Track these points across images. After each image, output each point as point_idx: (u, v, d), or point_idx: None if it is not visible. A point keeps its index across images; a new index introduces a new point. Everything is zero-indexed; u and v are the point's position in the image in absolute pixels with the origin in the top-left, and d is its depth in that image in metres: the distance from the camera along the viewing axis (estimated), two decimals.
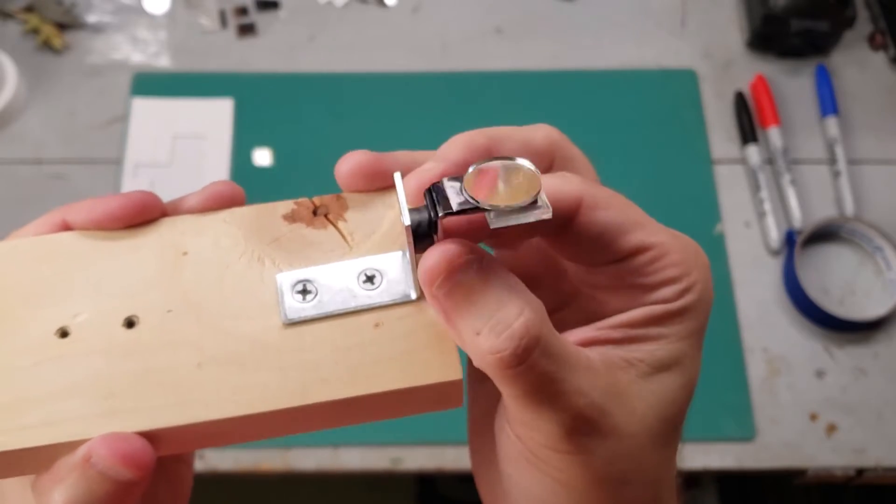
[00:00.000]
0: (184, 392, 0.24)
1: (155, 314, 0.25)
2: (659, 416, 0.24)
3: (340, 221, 0.27)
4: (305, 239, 0.27)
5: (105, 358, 0.25)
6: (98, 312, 0.25)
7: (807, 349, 0.70)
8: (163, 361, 0.25)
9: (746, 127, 0.77)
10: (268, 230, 0.27)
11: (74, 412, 0.24)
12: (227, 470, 0.64)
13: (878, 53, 0.83)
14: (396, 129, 0.77)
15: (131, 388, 0.24)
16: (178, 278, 0.26)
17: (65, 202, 0.79)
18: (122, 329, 0.25)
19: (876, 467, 0.67)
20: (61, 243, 0.27)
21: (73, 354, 0.25)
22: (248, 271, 0.26)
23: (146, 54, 0.80)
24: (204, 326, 0.25)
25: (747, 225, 0.75)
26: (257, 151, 0.76)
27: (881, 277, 0.73)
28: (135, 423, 0.24)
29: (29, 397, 0.24)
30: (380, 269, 0.26)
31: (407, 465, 0.65)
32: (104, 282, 0.26)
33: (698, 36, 0.84)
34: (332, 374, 0.24)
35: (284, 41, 0.82)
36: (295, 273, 0.26)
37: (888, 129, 0.80)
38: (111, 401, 0.24)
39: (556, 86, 0.80)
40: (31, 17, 0.80)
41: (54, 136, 0.77)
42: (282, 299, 0.25)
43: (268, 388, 0.24)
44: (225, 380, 0.24)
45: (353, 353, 0.25)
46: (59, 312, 0.25)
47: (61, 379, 0.24)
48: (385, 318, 0.25)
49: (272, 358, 0.25)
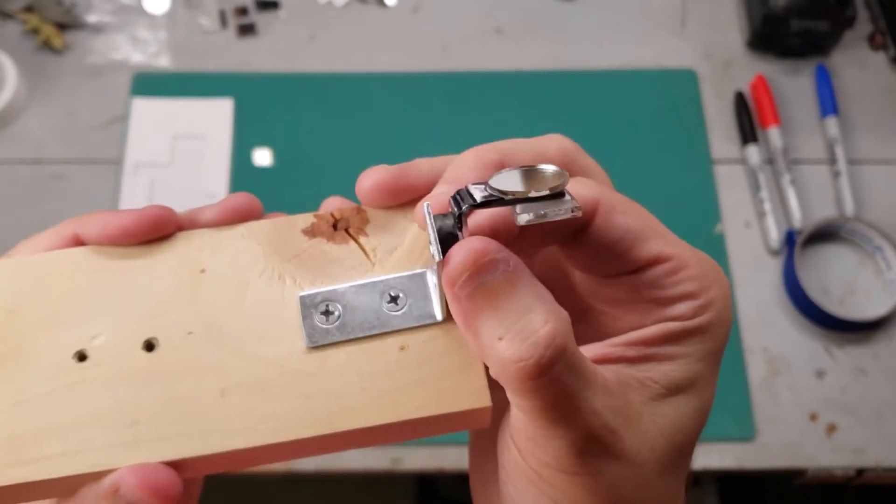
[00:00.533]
0: (208, 420, 0.23)
1: (175, 336, 0.24)
2: (669, 442, 0.23)
3: (362, 237, 0.26)
4: (326, 255, 0.26)
5: (126, 384, 0.24)
6: (116, 334, 0.24)
7: (807, 349, 0.70)
8: (185, 388, 0.24)
9: (746, 127, 0.78)
10: (287, 246, 0.26)
11: (97, 442, 0.23)
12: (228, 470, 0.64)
13: (878, 53, 0.83)
14: (396, 129, 0.77)
15: (154, 416, 0.23)
16: (197, 298, 0.25)
17: (65, 202, 0.79)
18: (142, 352, 0.24)
19: (876, 467, 0.67)
20: (75, 260, 0.25)
21: (92, 380, 0.24)
22: (268, 290, 0.25)
23: (146, 54, 0.80)
24: (226, 350, 0.24)
25: (747, 225, 0.75)
26: (257, 151, 0.76)
27: (881, 277, 0.73)
28: (160, 453, 0.23)
29: (50, 427, 0.23)
30: (404, 289, 0.25)
31: (407, 466, 0.65)
32: (121, 301, 0.25)
33: (698, 36, 0.84)
34: (357, 401, 0.24)
35: (284, 41, 0.82)
36: (317, 292, 0.25)
37: (888, 129, 0.80)
38: (134, 429, 0.23)
39: (555, 86, 0.80)
40: (31, 17, 0.80)
41: (54, 136, 0.77)
42: (304, 321, 0.25)
43: (293, 417, 0.23)
44: (250, 408, 0.23)
45: (378, 378, 0.24)
46: (77, 334, 0.24)
47: (82, 407, 0.23)
48: (410, 342, 0.24)
49: (297, 385, 0.24)
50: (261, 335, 0.24)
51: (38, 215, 0.73)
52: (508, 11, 0.84)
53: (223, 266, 0.25)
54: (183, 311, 0.25)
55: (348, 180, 0.84)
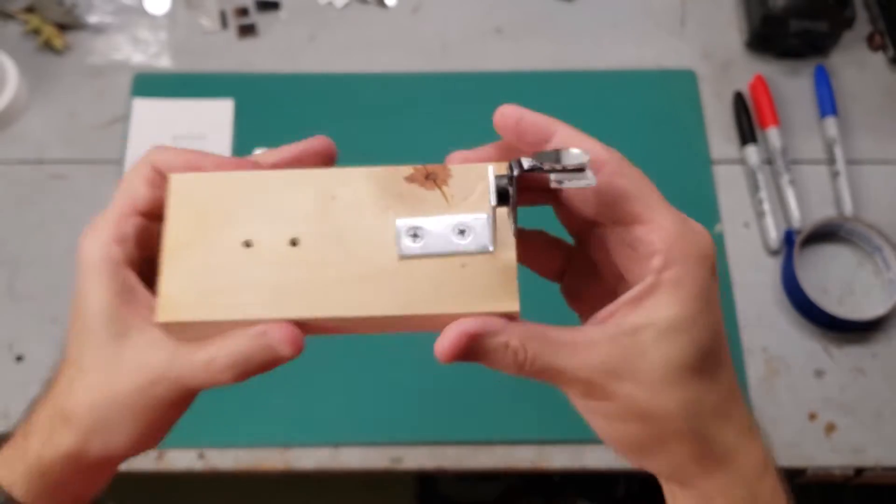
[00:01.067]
0: (327, 296, 0.34)
1: (312, 238, 0.35)
2: (667, 363, 0.31)
3: (444, 186, 0.36)
4: (418, 196, 0.36)
5: (276, 265, 0.35)
6: (272, 232, 0.35)
7: (806, 349, 0.71)
8: (314, 273, 0.35)
9: (746, 127, 0.78)
10: (392, 187, 0.36)
11: (254, 301, 0.34)
12: (227, 469, 0.64)
13: (876, 54, 0.84)
14: (396, 129, 0.78)
15: (293, 289, 0.34)
16: (328, 214, 0.36)
17: (66, 202, 0.80)
18: (288, 246, 0.35)
19: (875, 467, 0.67)
20: (247, 179, 0.37)
21: (254, 260, 0.35)
22: (376, 216, 0.36)
23: (147, 55, 0.80)
24: (344, 252, 0.35)
25: (746, 225, 0.75)
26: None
27: (880, 277, 0.73)
28: (294, 312, 0.34)
29: (224, 287, 0.34)
30: (469, 225, 0.35)
31: (407, 465, 0.66)
32: (277, 211, 0.36)
33: (698, 36, 0.84)
34: (428, 296, 0.34)
35: (285, 42, 0.82)
36: (409, 221, 0.35)
37: (887, 130, 0.80)
38: (279, 296, 0.34)
39: (555, 86, 0.80)
40: (32, 18, 0.80)
41: (55, 136, 0.77)
42: (399, 240, 0.35)
43: (383, 301, 0.34)
44: (356, 291, 0.34)
45: (444, 283, 0.34)
46: (245, 230, 0.35)
47: (246, 277, 0.35)
48: (470, 262, 0.34)
49: (389, 280, 0.34)
50: (369, 245, 0.35)
51: (39, 215, 0.73)
52: (508, 12, 0.84)
53: (348, 195, 0.36)
54: (318, 222, 0.36)
55: None
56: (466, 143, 0.82)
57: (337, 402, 0.66)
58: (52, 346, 0.68)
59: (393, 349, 0.68)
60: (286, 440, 0.65)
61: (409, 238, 0.35)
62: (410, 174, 0.36)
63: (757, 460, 0.35)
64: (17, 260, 0.71)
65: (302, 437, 0.65)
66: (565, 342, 0.32)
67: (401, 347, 0.67)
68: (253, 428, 0.64)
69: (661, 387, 0.31)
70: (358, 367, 0.67)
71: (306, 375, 0.66)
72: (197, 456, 0.64)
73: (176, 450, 0.64)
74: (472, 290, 0.34)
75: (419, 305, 0.34)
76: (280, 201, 0.37)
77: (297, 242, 0.36)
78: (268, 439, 0.65)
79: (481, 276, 0.35)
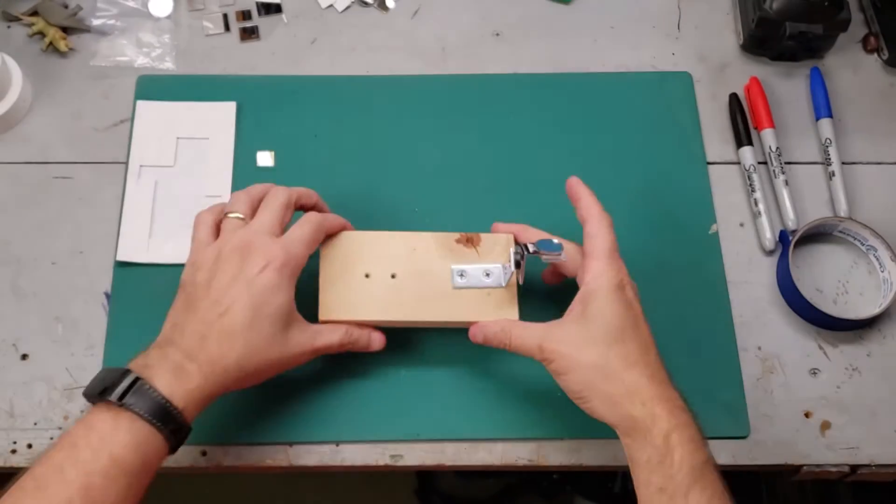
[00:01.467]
0: (413, 308, 0.62)
1: (403, 273, 0.63)
2: (582, 333, 0.57)
3: (478, 246, 0.64)
4: (462, 252, 0.64)
5: (384, 289, 0.62)
6: (380, 269, 0.63)
7: (801, 348, 0.71)
8: (404, 295, 0.62)
9: (741, 129, 0.78)
10: (448, 245, 0.64)
11: (369, 307, 0.62)
12: (231, 465, 0.65)
13: (871, 56, 0.84)
14: (396, 131, 0.78)
15: (393, 303, 0.62)
16: (412, 259, 0.63)
17: (70, 203, 0.81)
18: (390, 278, 0.63)
19: (870, 464, 0.68)
20: (354, 237, 0.64)
21: (371, 286, 0.63)
22: (439, 261, 0.63)
23: (150, 57, 0.81)
24: (422, 283, 0.63)
25: (742, 225, 0.76)
26: (260, 153, 0.77)
27: (874, 277, 0.74)
28: (393, 317, 0.62)
29: (354, 301, 0.62)
30: (491, 271, 0.63)
31: (407, 462, 0.66)
32: (382, 256, 0.63)
33: (693, 39, 0.85)
34: (469, 310, 0.62)
35: (287, 45, 0.83)
36: (458, 266, 0.63)
37: (881, 131, 0.81)
38: (385, 307, 0.62)
39: (553, 88, 0.81)
40: (37, 21, 0.81)
41: (59, 137, 0.78)
42: (452, 277, 0.63)
43: (440, 312, 0.62)
44: (427, 306, 0.62)
45: (478, 303, 0.62)
46: (365, 267, 0.63)
47: (366, 295, 0.62)
48: (492, 292, 0.63)
49: (447, 300, 0.62)
50: (436, 279, 0.63)
51: (44, 216, 0.74)
52: (506, 15, 0.85)
53: (422, 248, 0.64)
54: (406, 264, 0.63)
55: (348, 181, 0.86)
56: (466, 143, 0.84)
57: (338, 400, 0.67)
58: (56, 345, 0.69)
59: (393, 349, 0.68)
60: (288, 438, 0.66)
61: (458, 276, 0.63)
62: (458, 238, 0.64)
63: (666, 427, 0.53)
64: (21, 259, 0.72)
65: (304, 435, 0.66)
66: (527, 327, 0.59)
67: (401, 347, 0.68)
68: (255, 426, 0.65)
69: (580, 347, 0.56)
70: (358, 366, 0.68)
71: (308, 375, 0.66)
72: (200, 453, 0.65)
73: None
74: (493, 306, 0.62)
75: (464, 315, 0.62)
76: (383, 251, 0.63)
77: (395, 276, 0.63)
78: (270, 437, 0.65)
79: (498, 299, 0.62)
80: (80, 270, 0.72)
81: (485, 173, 0.76)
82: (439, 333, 0.68)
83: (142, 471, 0.52)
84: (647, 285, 0.61)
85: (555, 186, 0.66)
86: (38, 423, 0.66)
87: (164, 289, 0.70)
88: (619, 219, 0.61)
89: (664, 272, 0.72)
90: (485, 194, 0.75)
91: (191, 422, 0.55)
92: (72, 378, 0.68)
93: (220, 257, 0.58)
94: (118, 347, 0.68)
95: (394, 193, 0.75)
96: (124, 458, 0.50)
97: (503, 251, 0.63)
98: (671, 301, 0.71)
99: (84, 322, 0.70)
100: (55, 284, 0.71)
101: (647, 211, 0.75)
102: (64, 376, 0.68)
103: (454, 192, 0.75)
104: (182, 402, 0.53)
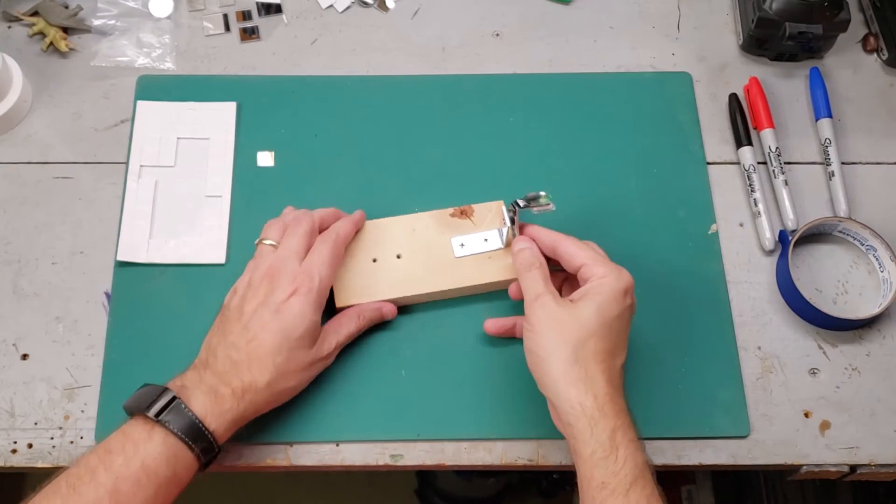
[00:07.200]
0: (421, 281, 0.67)
1: (408, 253, 0.68)
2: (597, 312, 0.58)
3: (472, 216, 0.69)
4: (459, 224, 0.69)
5: (391, 270, 0.67)
6: (385, 253, 0.68)
7: (800, 347, 0.71)
8: (411, 271, 0.67)
9: (741, 129, 0.79)
10: (444, 220, 0.69)
11: (380, 288, 0.67)
12: (231, 465, 0.65)
13: (870, 56, 0.85)
14: (396, 131, 0.78)
15: (401, 281, 0.67)
16: (413, 239, 0.68)
17: (70, 203, 0.81)
18: (395, 258, 0.68)
19: (869, 464, 0.68)
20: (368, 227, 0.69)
21: (378, 268, 0.67)
22: (439, 236, 0.68)
23: (151, 58, 0.81)
24: (427, 258, 0.68)
25: (741, 225, 0.76)
26: (260, 153, 0.77)
27: (874, 276, 0.74)
28: (402, 293, 0.67)
29: (365, 285, 0.67)
30: (489, 236, 0.68)
31: (406, 461, 0.66)
32: (387, 241, 0.68)
33: (693, 39, 0.85)
34: (472, 275, 0.67)
35: (287, 45, 0.83)
36: (457, 238, 0.68)
37: (881, 131, 0.81)
38: (393, 285, 0.67)
39: (553, 88, 0.81)
40: (38, 21, 0.81)
41: (60, 137, 0.78)
42: (454, 248, 0.68)
43: (449, 281, 0.67)
44: (435, 278, 0.67)
45: (480, 267, 0.68)
46: (371, 253, 0.68)
47: (377, 277, 0.67)
48: (493, 255, 0.68)
49: (450, 270, 0.67)
50: (437, 253, 0.68)
51: (44, 216, 0.74)
52: (506, 15, 0.85)
53: (421, 228, 0.69)
54: (409, 244, 0.68)
55: (349, 181, 0.86)
56: (466, 143, 0.84)
57: (338, 400, 0.67)
58: (57, 345, 0.69)
59: (393, 349, 0.68)
60: (288, 438, 0.66)
61: (459, 246, 0.68)
62: (452, 212, 0.69)
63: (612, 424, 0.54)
64: (22, 259, 0.72)
65: (304, 435, 0.66)
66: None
67: (400, 347, 0.68)
68: (256, 426, 0.65)
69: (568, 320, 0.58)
70: (358, 366, 0.68)
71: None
72: None
73: None
74: (494, 269, 0.67)
75: (471, 279, 0.67)
76: (386, 236, 0.68)
77: (401, 256, 0.68)
78: (270, 437, 0.65)
79: (498, 261, 0.68)
80: (80, 270, 0.72)
81: (485, 173, 0.76)
82: (440, 333, 0.69)
83: (171, 482, 0.55)
84: (647, 285, 0.61)
85: (554, 186, 0.66)
86: (39, 423, 0.66)
87: (164, 289, 0.71)
88: (618, 219, 0.61)
89: (664, 272, 0.72)
90: (485, 194, 0.75)
91: (222, 443, 0.57)
92: (72, 378, 0.68)
93: (251, 283, 0.61)
94: (118, 347, 0.68)
95: (394, 193, 0.75)
96: (155, 468, 0.53)
97: (496, 216, 0.68)
98: (671, 301, 0.71)
99: (84, 322, 0.70)
100: (55, 284, 0.71)
101: (646, 211, 0.75)
102: (64, 376, 0.68)
103: (454, 191, 0.75)
104: (214, 423, 0.56)
